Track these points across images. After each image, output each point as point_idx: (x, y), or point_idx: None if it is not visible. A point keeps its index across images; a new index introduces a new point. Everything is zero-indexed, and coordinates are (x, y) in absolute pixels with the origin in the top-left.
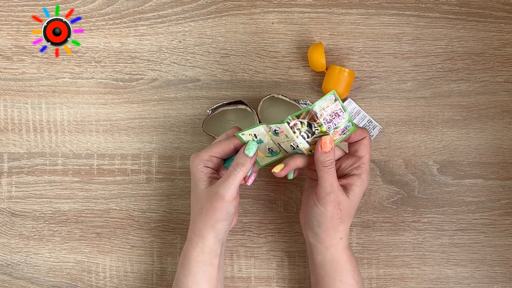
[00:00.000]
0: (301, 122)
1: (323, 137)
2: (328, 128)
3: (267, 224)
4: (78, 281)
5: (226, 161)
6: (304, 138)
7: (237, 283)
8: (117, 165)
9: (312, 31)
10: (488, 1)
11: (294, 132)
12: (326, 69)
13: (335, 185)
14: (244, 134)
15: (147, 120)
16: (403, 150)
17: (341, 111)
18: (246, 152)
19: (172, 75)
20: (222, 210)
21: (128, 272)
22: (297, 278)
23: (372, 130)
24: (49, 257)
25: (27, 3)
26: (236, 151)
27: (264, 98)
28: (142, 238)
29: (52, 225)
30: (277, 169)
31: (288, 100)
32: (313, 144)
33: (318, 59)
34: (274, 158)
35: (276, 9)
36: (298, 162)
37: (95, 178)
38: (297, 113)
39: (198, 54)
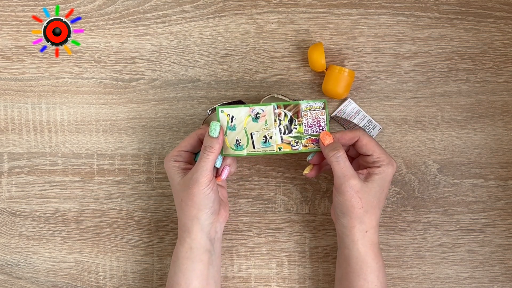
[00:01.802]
0: (285, 114)
1: (320, 134)
2: (306, 131)
3: (267, 224)
4: (78, 281)
5: (196, 155)
6: (280, 132)
7: (237, 283)
8: (117, 165)
9: (312, 31)
10: (488, 1)
11: (275, 121)
12: (326, 69)
13: (348, 173)
14: (223, 111)
15: (147, 120)
16: (403, 150)
17: (324, 122)
18: (210, 134)
19: (172, 75)
20: (199, 194)
21: (128, 272)
22: (297, 278)
23: (372, 130)
24: (49, 257)
25: (27, 3)
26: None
27: (264, 98)
28: (142, 238)
29: (52, 225)
30: (307, 170)
31: (288, 100)
32: (285, 143)
33: (318, 59)
34: (237, 153)
35: (276, 9)
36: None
37: (95, 178)
38: (286, 103)
39: (198, 54)
